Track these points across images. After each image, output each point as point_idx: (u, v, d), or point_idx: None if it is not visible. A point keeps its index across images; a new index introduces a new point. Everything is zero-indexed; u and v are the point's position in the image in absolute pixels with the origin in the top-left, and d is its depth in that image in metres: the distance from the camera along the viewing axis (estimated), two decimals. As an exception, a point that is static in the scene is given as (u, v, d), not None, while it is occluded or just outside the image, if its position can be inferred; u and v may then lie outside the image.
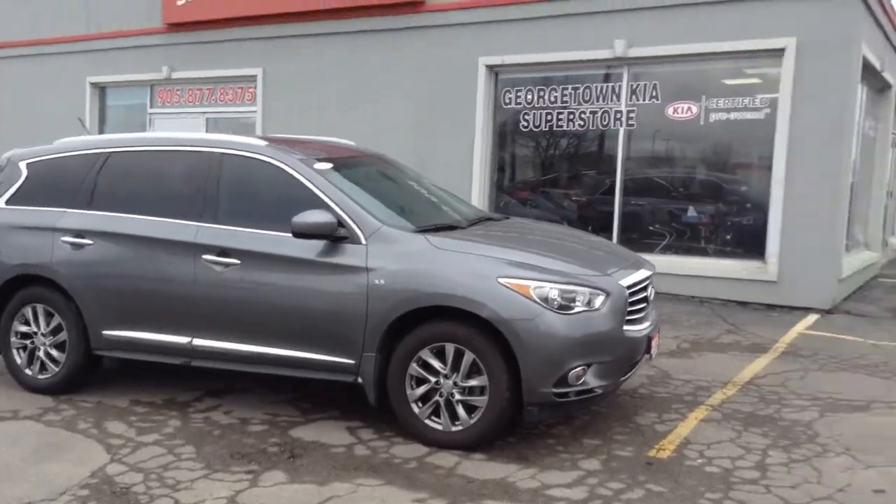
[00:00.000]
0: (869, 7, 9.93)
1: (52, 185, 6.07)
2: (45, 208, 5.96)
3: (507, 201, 11.91)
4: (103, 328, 5.65)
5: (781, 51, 9.60)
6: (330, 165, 5.53)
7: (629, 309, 4.99)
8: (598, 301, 4.80)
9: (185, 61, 14.38)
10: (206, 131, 14.29)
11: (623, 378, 5.10)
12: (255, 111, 13.84)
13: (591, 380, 4.78)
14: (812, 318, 8.79)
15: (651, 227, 10.77)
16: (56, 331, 5.81)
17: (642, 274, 5.29)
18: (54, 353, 5.82)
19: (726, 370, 6.57)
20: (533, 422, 5.00)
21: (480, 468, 4.59)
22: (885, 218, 13.99)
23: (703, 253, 10.33)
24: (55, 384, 5.82)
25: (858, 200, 11.88)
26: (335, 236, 5.07)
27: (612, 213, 10.87)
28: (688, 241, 10.53)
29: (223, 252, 5.33)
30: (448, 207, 6.19)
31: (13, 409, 5.56)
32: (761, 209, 9.84)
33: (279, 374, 5.34)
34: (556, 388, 4.69)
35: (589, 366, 4.74)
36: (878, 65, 11.09)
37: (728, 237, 10.28)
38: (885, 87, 12.68)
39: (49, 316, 5.83)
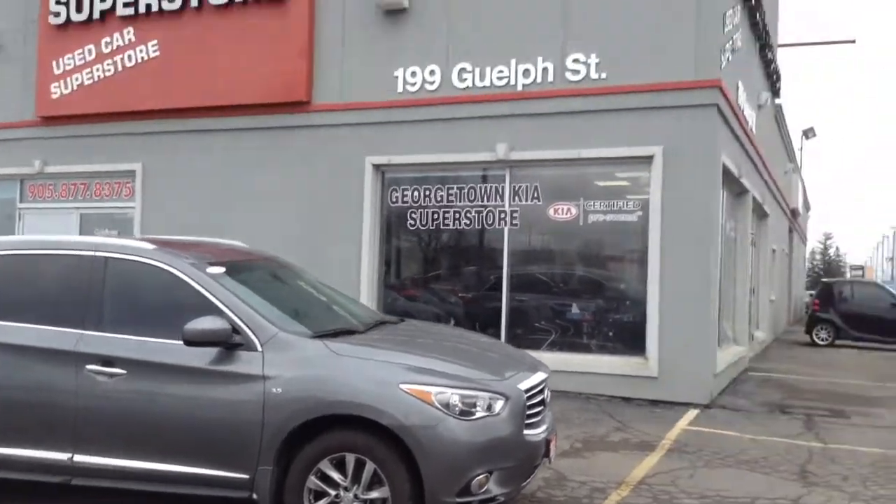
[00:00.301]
0: (726, 120, 10.75)
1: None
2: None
3: (396, 298, 11.95)
4: (-30, 446, 5.24)
5: (650, 158, 10.22)
6: (223, 269, 5.42)
7: (527, 412, 5.05)
8: (498, 406, 4.83)
9: (59, 155, 13.92)
10: (80, 226, 13.78)
11: (524, 483, 5.12)
12: (133, 206, 13.47)
13: (494, 487, 4.77)
14: (692, 413, 9.12)
15: (537, 324, 11.03)
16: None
17: (539, 377, 5.38)
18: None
19: (619, 470, 6.69)
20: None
21: (384, 583, 4.45)
22: (750, 313, 14.81)
23: (587, 349, 10.63)
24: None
25: (725, 297, 12.56)
26: (229, 343, 4.94)
27: (499, 310, 11.08)
28: (572, 337, 10.82)
29: (108, 361, 5.09)
30: (344, 311, 6.16)
31: None
32: (640, 306, 10.25)
33: (168, 492, 5.06)
34: (460, 498, 4.65)
35: (491, 472, 4.74)
36: (735, 171, 11.94)
37: (610, 334, 10.63)
38: (743, 191, 13.62)
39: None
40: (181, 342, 4.93)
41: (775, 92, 17.91)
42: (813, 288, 39.82)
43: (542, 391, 5.34)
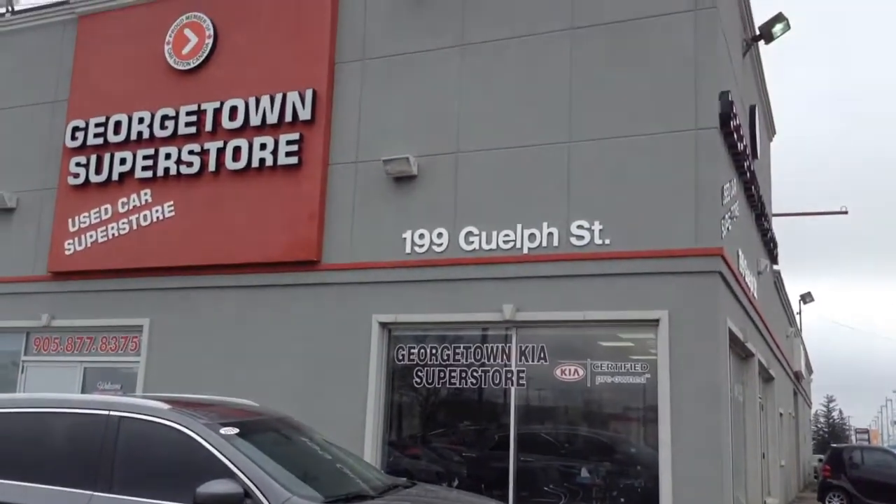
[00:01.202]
0: (729, 286, 10.96)
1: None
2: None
3: (400, 457, 11.73)
4: None
5: (656, 321, 10.33)
6: (236, 430, 5.42)
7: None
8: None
9: (67, 309, 14.04)
10: (83, 380, 13.71)
11: None
12: (138, 361, 13.45)
13: None
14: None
15: (546, 488, 10.77)
16: None
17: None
18: None
19: None
20: None
21: None
22: (761, 479, 14.50)
23: (598, 516, 10.35)
24: None
25: (736, 462, 12.35)
26: (241, 507, 4.88)
27: (506, 471, 10.85)
28: (581, 501, 10.55)
29: (118, 528, 5.00)
30: (354, 473, 6.10)
31: None
32: (652, 469, 10.07)
33: None
34: None
35: None
36: (740, 335, 12.05)
37: (622, 500, 10.37)
38: (749, 355, 13.68)
39: None
40: (194, 504, 4.87)
41: (773, 259, 18.30)
42: (820, 452, 39.08)
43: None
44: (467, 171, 11.71)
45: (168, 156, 13.44)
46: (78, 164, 14.13)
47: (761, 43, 14.38)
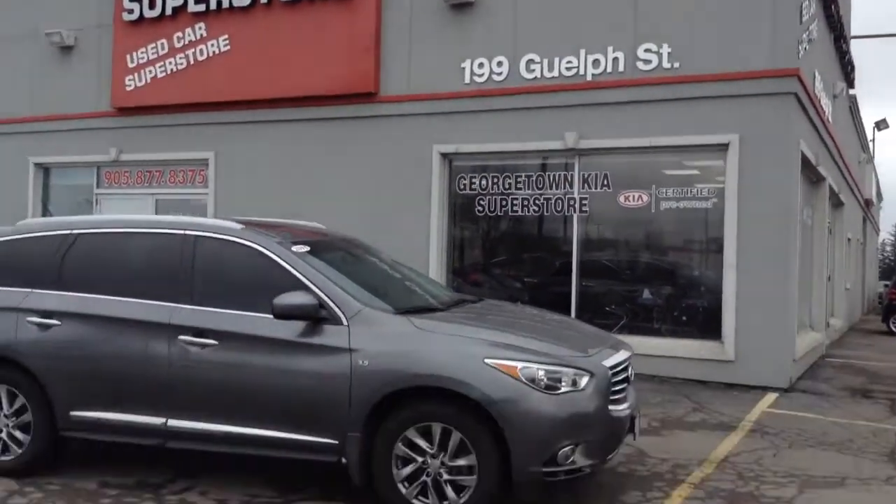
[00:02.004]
0: (804, 108, 10.53)
1: (16, 265, 5.92)
2: (9, 289, 5.78)
3: (463, 284, 11.98)
4: (71, 409, 5.44)
5: (725, 145, 10.06)
6: (307, 248, 5.53)
7: (612, 389, 5.04)
8: (583, 381, 4.84)
9: (134, 144, 14.28)
10: (156, 212, 14.12)
11: (609, 456, 5.12)
12: (206, 193, 13.76)
13: (580, 459, 4.78)
14: (771, 396, 8.96)
15: (608, 308, 10.94)
16: (20, 412, 5.58)
17: (623, 355, 5.37)
18: (18, 434, 5.58)
19: (700, 448, 6.63)
20: (522, 500, 4.94)
21: (471, 548, 4.49)
22: (826, 301, 14.49)
23: (659, 333, 10.52)
24: (18, 466, 5.57)
25: (802, 284, 12.31)
26: (316, 317, 5.04)
27: (568, 295, 11.02)
28: (644, 321, 10.72)
29: (199, 332, 5.24)
30: (423, 290, 6.22)
31: (-26, 494, 5.27)
32: (715, 291, 10.11)
33: (260, 455, 5.19)
34: (546, 468, 4.67)
35: (577, 445, 4.75)
36: (813, 159, 11.69)
37: (684, 318, 10.50)
38: (820, 179, 13.33)
39: (12, 397, 5.61)
40: (269, 316, 5.06)
41: (850, 83, 17.50)
42: (886, 278, 38.75)
43: (625, 369, 5.33)
44: (528, -5, 11.23)
45: (219, -12, 13.17)
46: (131, 0, 13.97)
47: None
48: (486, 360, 4.74)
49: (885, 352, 15.12)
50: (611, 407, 5.00)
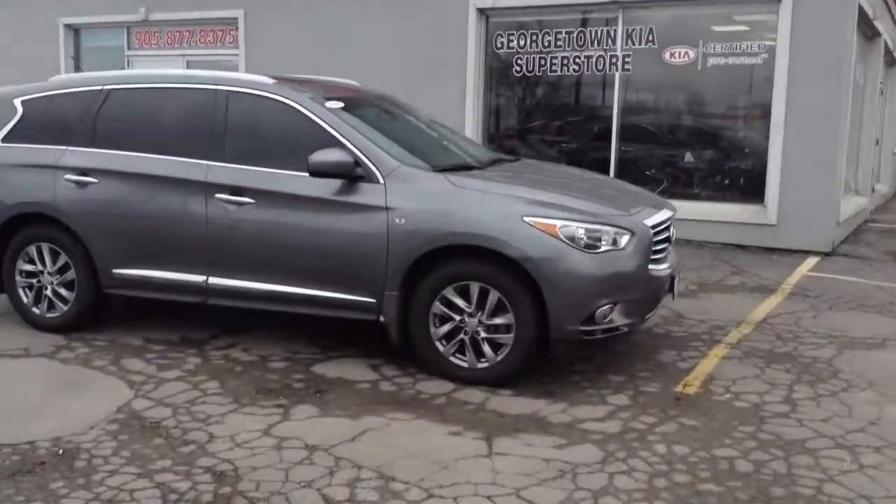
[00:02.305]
0: (863, -46, 9.88)
1: (50, 122, 5.85)
2: (46, 146, 5.76)
3: (500, 147, 11.77)
4: (113, 267, 5.51)
5: (779, -2, 9.52)
6: (341, 104, 5.39)
7: (653, 248, 4.96)
8: (624, 240, 4.75)
9: (162, 3, 13.92)
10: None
11: (647, 316, 5.10)
12: (237, 54, 13.48)
13: (618, 318, 4.77)
14: (812, 260, 8.85)
15: (647, 173, 10.72)
16: (63, 269, 5.67)
17: (665, 214, 5.25)
18: (63, 291, 5.68)
19: (738, 310, 6.60)
20: (559, 359, 4.99)
21: (510, 403, 4.57)
22: (872, 164, 14.10)
23: (700, 197, 10.32)
24: (65, 323, 5.69)
25: (849, 147, 11.93)
26: (352, 175, 4.96)
27: (608, 159, 10.80)
28: (684, 185, 10.51)
29: (236, 191, 5.20)
30: (459, 148, 6.08)
31: (24, 346, 5.43)
32: (760, 153, 9.83)
33: (299, 313, 5.25)
34: (584, 326, 4.66)
35: (615, 304, 4.71)
36: (870, 12, 11.05)
37: (726, 181, 10.28)
38: (875, 34, 12.66)
39: (55, 254, 5.68)
40: (305, 174, 4.99)
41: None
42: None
43: (667, 228, 5.23)
44: None
45: None
46: None
47: None
48: (525, 218, 4.66)
49: (931, 217, 14.83)
50: (651, 266, 4.93)
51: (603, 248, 4.68)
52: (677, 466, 3.80)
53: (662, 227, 5.13)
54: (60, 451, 3.89)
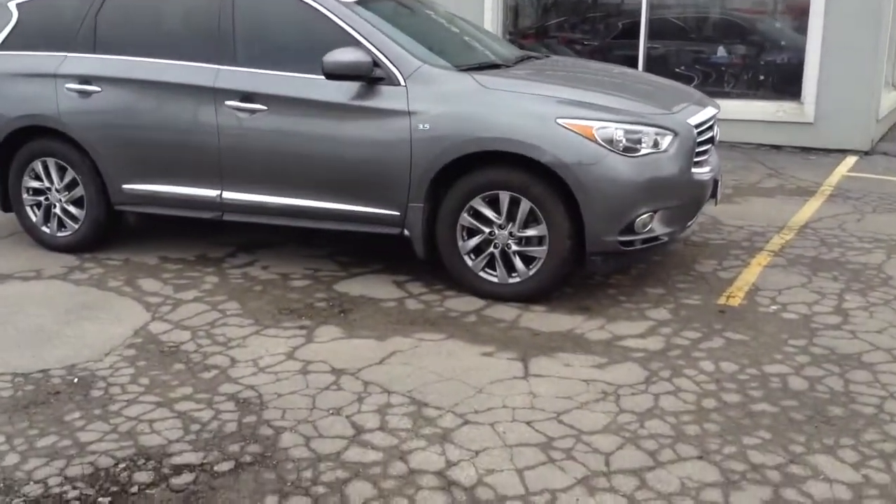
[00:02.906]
0: None
1: (48, 27, 5.48)
2: (44, 53, 5.41)
3: (522, 46, 11.22)
4: (122, 182, 5.24)
5: None
6: (357, -2, 5.00)
7: (696, 150, 4.62)
8: (666, 142, 4.41)
9: None
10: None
11: (689, 224, 4.80)
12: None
13: (658, 227, 4.47)
14: (851, 160, 8.43)
15: (677, 70, 10.20)
16: (71, 186, 5.40)
17: (709, 112, 4.89)
18: (72, 209, 5.43)
19: (778, 214, 6.27)
20: (595, 272, 4.73)
21: (544, 320, 4.34)
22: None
23: (733, 95, 9.82)
24: (76, 242, 5.46)
25: (890, 40, 11.31)
26: (370, 77, 4.60)
27: (635, 56, 10.24)
28: (715, 83, 9.98)
29: (247, 97, 4.86)
30: (483, 45, 5.68)
31: (36, 268, 5.23)
32: (796, 46, 9.26)
33: (319, 228, 4.99)
34: (622, 237, 4.37)
35: (656, 211, 4.41)
36: None
37: (760, 77, 9.75)
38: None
39: (62, 170, 5.40)
40: (320, 77, 4.65)
41: None
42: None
43: (710, 128, 4.87)
44: None
45: None
46: None
47: None
48: (558, 120, 4.32)
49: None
50: (694, 170, 4.61)
51: (643, 152, 4.34)
52: (726, 385, 3.58)
53: (706, 126, 4.77)
54: (75, 380, 3.71)
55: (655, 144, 4.38)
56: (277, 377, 3.72)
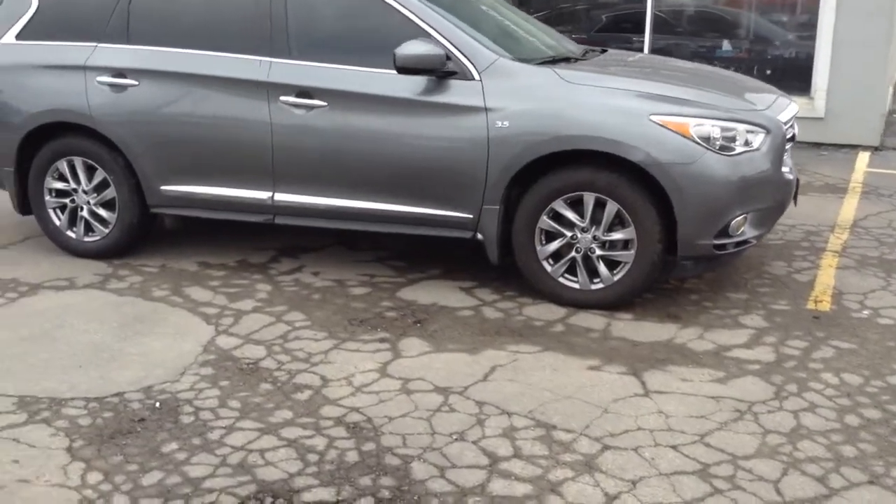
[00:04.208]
0: None
1: (73, 15, 5.05)
2: (71, 43, 4.98)
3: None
4: (161, 183, 4.85)
5: None
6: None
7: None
8: (758, 139, 4.22)
9: None
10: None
11: (772, 226, 4.64)
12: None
13: (749, 229, 4.30)
14: (864, 155, 8.41)
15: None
16: (101, 187, 4.99)
17: (792, 109, 4.73)
18: (102, 212, 5.02)
19: (821, 213, 6.17)
20: (683, 277, 4.54)
21: (636, 329, 4.12)
22: None
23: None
24: (106, 247, 5.06)
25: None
26: (443, 71, 4.32)
27: (641, 50, 10.11)
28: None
29: (304, 92, 4.53)
30: (545, 37, 5.38)
31: (66, 276, 4.82)
32: (807, 40, 9.22)
33: (382, 232, 4.69)
34: (717, 240, 4.18)
35: (748, 213, 4.23)
36: None
37: (768, 72, 9.69)
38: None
39: (90, 170, 4.99)
40: (384, 71, 4.37)
41: None
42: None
43: (791, 126, 4.71)
44: None
45: None
46: None
47: None
48: (652, 117, 4.10)
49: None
50: (783, 169, 4.44)
51: (738, 150, 4.15)
52: (860, 399, 3.42)
53: (789, 123, 4.61)
54: (157, 404, 3.38)
55: (747, 143, 4.19)
56: (379, 398, 3.44)
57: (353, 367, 3.71)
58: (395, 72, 4.33)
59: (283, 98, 4.55)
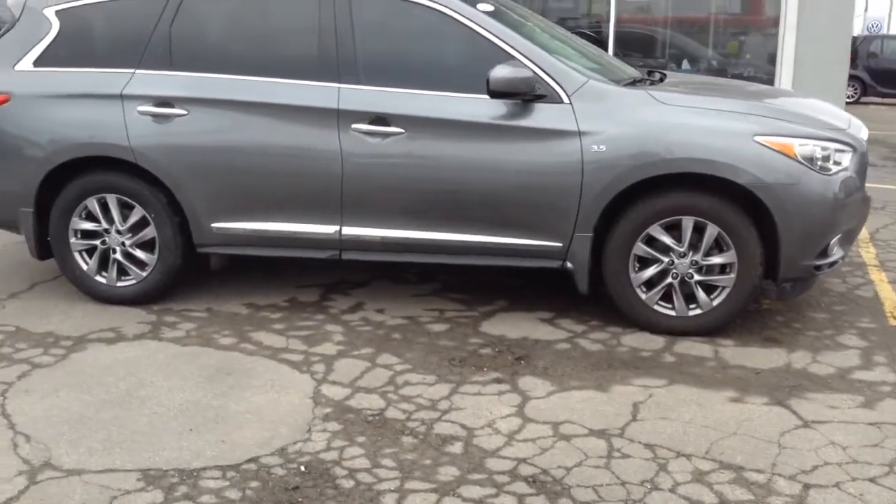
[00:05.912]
0: None
1: (102, 38, 4.61)
2: (102, 70, 4.50)
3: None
4: (212, 220, 4.43)
5: None
6: (492, 7, 4.50)
7: (863, 167, 4.49)
8: (847, 158, 4.23)
9: None
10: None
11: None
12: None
13: (838, 250, 4.30)
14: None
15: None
16: (138, 226, 4.52)
17: (866, 129, 4.77)
18: (139, 254, 4.55)
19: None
20: (783, 299, 4.49)
21: (746, 356, 4.04)
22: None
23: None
24: (143, 292, 4.58)
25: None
26: (532, 95, 4.14)
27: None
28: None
29: (379, 119, 4.24)
30: (609, 60, 5.30)
31: (109, 326, 4.33)
32: (768, 60, 9.51)
33: (462, 265, 4.45)
34: (817, 261, 4.16)
35: (840, 233, 4.24)
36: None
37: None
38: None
39: (126, 208, 4.51)
40: (468, 95, 4.19)
41: None
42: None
43: (866, 145, 4.76)
44: None
45: None
46: None
47: None
48: (756, 138, 4.04)
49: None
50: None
51: (834, 170, 4.14)
52: None
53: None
54: (302, 468, 3.02)
55: (840, 162, 4.20)
56: (538, 445, 3.20)
57: (489, 412, 3.46)
58: (477, 96, 4.15)
59: (354, 126, 4.25)
